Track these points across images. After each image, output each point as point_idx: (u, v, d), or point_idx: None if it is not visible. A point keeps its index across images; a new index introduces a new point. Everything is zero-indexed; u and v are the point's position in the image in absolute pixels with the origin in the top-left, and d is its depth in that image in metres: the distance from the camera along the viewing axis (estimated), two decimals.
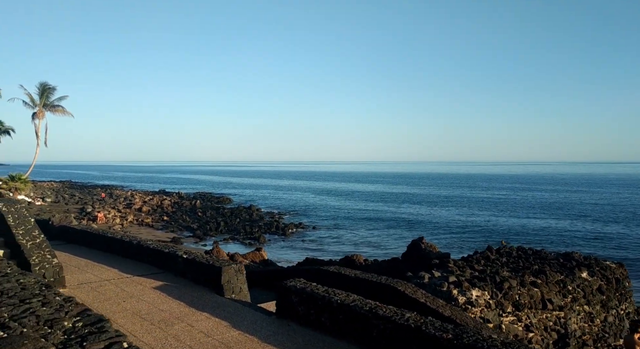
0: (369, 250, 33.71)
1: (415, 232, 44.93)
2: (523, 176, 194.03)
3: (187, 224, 48.89)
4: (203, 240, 41.31)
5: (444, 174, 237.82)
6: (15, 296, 4.98)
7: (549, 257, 15.53)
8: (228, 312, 9.58)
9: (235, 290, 11.00)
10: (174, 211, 59.04)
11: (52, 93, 70.22)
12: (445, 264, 14.20)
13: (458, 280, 12.38)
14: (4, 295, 5.04)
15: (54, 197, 67.50)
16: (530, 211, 62.45)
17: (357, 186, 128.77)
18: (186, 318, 9.15)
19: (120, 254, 14.60)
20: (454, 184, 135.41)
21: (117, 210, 56.09)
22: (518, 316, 11.79)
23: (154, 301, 10.23)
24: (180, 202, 69.23)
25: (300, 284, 9.11)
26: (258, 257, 22.32)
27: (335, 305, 8.04)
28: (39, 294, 4.92)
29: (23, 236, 10.75)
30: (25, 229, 11.16)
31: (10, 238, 11.07)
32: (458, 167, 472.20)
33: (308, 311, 8.62)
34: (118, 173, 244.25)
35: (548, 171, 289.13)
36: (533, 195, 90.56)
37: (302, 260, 21.90)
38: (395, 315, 7.22)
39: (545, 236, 41.88)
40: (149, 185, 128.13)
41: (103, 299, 10.26)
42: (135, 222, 48.53)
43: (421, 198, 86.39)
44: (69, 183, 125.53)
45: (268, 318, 9.26)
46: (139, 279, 12.03)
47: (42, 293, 4.93)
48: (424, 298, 10.27)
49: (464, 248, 36.59)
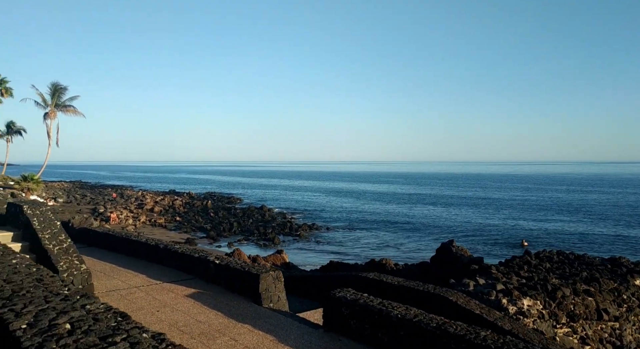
0: (391, 252, 32.92)
1: (432, 234, 44.10)
2: (535, 176, 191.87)
3: (199, 225, 48.43)
4: (217, 240, 40.79)
5: (453, 174, 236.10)
6: (91, 332, 4.09)
7: (594, 262, 14.70)
8: (271, 324, 8.92)
9: (273, 298, 10.34)
10: (185, 212, 58.65)
11: (63, 93, 70.11)
12: (487, 270, 13.44)
13: (506, 288, 11.62)
14: (77, 330, 4.11)
15: (66, 197, 67.47)
16: (548, 213, 61.26)
17: (367, 186, 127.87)
18: (227, 330, 8.51)
19: (145, 258, 14.02)
20: (465, 184, 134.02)
21: (129, 210, 55.81)
22: (573, 328, 11.01)
23: (190, 310, 9.60)
24: (192, 202, 68.86)
25: (350, 295, 8.42)
26: (279, 260, 21.59)
27: (395, 320, 7.34)
28: (118, 329, 4.11)
29: (49, 240, 10.17)
30: (51, 233, 10.58)
31: (36, 242, 10.50)
32: (466, 167, 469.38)
33: (362, 325, 7.93)
34: (127, 173, 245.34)
35: (560, 171, 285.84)
36: (549, 196, 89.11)
37: (327, 264, 21.17)
38: (469, 334, 6.50)
39: (567, 238, 40.82)
40: (158, 185, 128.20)
41: (135, 308, 9.65)
42: (148, 223, 48.18)
43: (434, 198, 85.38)
44: (79, 183, 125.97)
45: (315, 332, 8.58)
46: (170, 286, 11.41)
47: (121, 327, 4.14)
48: (479, 309, 9.54)
49: (486, 250, 35.73)
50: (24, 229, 11.18)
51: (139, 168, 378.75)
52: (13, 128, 79.80)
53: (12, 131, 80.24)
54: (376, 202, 77.27)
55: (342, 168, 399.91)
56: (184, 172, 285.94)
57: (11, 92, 66.64)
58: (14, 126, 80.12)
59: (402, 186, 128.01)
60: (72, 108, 71.63)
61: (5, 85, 65.64)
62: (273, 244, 39.28)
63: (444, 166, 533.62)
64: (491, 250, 36.71)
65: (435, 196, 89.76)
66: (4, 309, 4.67)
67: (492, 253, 34.74)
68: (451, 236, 42.30)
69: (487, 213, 61.36)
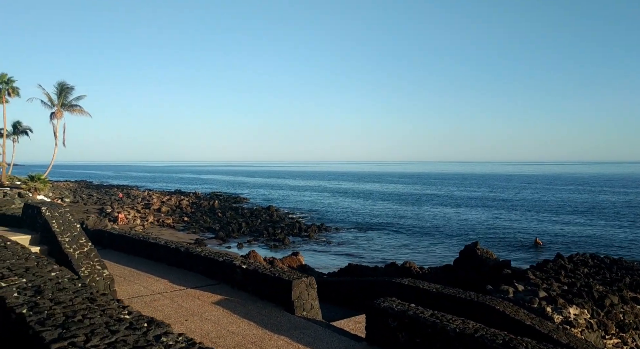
0: (406, 254, 32.22)
1: (446, 235, 43.42)
2: (543, 176, 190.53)
3: (207, 225, 47.93)
4: (226, 241, 40.28)
5: (458, 174, 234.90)
6: None
7: (634, 267, 14.04)
8: (309, 336, 8.32)
9: (306, 306, 9.75)
10: (193, 212, 58.17)
11: (70, 93, 69.73)
12: (523, 275, 12.79)
13: (549, 295, 10.98)
14: None
15: (72, 197, 67.13)
16: (560, 213, 60.39)
17: (373, 186, 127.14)
18: (263, 343, 7.91)
19: (165, 262, 13.45)
20: (472, 184, 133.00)
21: (137, 210, 55.41)
22: (623, 339, 10.36)
23: (220, 320, 9.02)
24: (198, 202, 68.43)
25: (397, 305, 7.81)
26: (295, 262, 20.96)
27: (453, 335, 6.72)
28: None
29: (70, 244, 9.61)
30: (71, 236, 10.02)
31: (56, 246, 9.95)
32: (470, 166, 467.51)
33: (412, 339, 7.31)
34: (132, 173, 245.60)
35: (567, 170, 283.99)
36: (560, 196, 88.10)
37: (345, 266, 20.49)
38: None
39: (584, 240, 40.03)
40: (163, 185, 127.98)
41: (162, 317, 9.06)
42: (156, 223, 47.73)
43: (442, 199, 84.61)
44: (84, 183, 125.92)
45: (358, 345, 7.98)
46: (194, 292, 10.84)
47: None
48: (530, 320, 8.90)
49: (502, 250, 35.04)
50: (43, 232, 10.62)
51: (142, 168, 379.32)
52: (19, 128, 79.63)
53: (19, 131, 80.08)
54: (384, 202, 76.56)
55: (346, 168, 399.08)
56: (187, 171, 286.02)
57: (18, 91, 66.31)
58: (20, 126, 79.93)
59: (409, 186, 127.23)
60: (78, 108, 71.22)
61: (12, 85, 65.35)
62: (283, 245, 38.74)
63: (450, 166, 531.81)
64: (507, 249, 36.01)
65: (444, 197, 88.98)
66: (63, 343, 3.84)
67: (512, 254, 34.10)
68: (464, 236, 41.62)
69: (498, 213, 60.57)
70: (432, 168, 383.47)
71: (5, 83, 64.78)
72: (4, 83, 64.41)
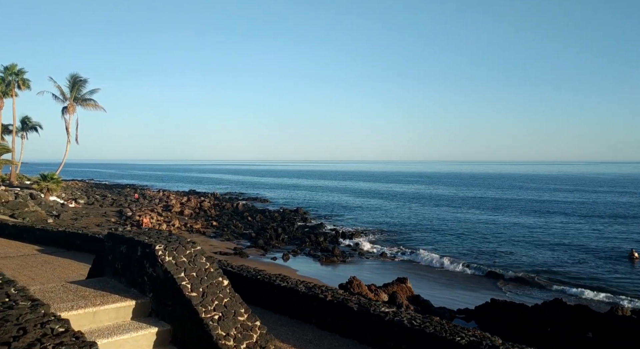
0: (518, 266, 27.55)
1: (528, 244, 38.45)
2: (555, 177, 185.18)
3: (240, 231, 43.14)
4: (268, 251, 35.41)
5: (477, 174, 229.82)
6: None
7: None
8: None
9: None
10: (218, 215, 53.38)
11: (83, 86, 65.20)
12: None
13: None
14: None
15: (86, 198, 62.45)
16: (586, 215, 55.13)
17: (396, 187, 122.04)
18: None
19: (260, 305, 8.56)
20: (504, 185, 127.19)
21: (158, 213, 50.68)
22: None
23: None
24: (221, 204, 63.70)
25: None
26: (405, 292, 15.86)
27: None
28: None
29: (221, 323, 4.80)
30: (220, 304, 5.16)
31: (179, 305, 5.14)
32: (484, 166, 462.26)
33: None
34: (137, 171, 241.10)
35: (578, 170, 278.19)
36: (580, 196, 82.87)
37: (482, 304, 15.20)
38: None
39: None
40: (174, 184, 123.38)
41: None
42: (184, 228, 42.97)
43: (489, 202, 79.58)
44: (93, 182, 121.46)
45: None
46: None
47: None
48: None
49: (590, 265, 30.17)
50: (158, 295, 5.65)
51: (148, 166, 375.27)
52: (29, 124, 74.81)
53: (28, 127, 75.21)
54: (431, 207, 70.91)
55: (353, 168, 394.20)
56: (194, 170, 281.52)
57: (29, 84, 61.59)
58: (30, 122, 75.08)
59: (444, 187, 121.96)
60: (92, 102, 66.64)
61: (22, 77, 60.57)
62: (333, 256, 33.82)
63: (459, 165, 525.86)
64: (593, 266, 31.07)
65: (489, 199, 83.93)
66: None
67: (600, 271, 29.25)
68: (541, 247, 36.77)
69: (575, 220, 55.27)
70: (443, 168, 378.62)
71: (15, 74, 59.91)
72: (14, 75, 59.53)
